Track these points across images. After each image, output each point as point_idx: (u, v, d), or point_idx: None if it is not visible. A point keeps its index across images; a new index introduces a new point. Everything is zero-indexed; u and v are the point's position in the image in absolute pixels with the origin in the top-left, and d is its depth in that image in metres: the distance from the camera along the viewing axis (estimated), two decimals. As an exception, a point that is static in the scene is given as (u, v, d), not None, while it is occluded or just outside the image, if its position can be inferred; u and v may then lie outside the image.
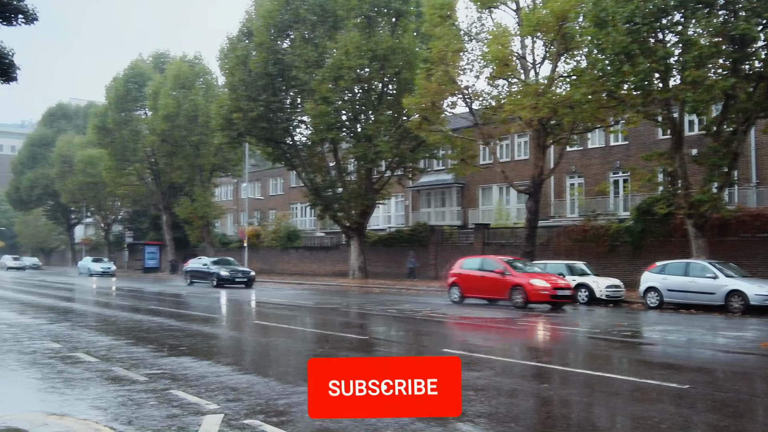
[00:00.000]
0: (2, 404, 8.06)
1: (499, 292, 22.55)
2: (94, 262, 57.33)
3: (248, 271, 37.17)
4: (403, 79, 36.17)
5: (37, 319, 18.03)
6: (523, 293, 21.54)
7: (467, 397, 8.06)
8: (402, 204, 50.65)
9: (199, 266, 38.55)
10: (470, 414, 7.46)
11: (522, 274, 22.31)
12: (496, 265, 23.01)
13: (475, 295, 23.60)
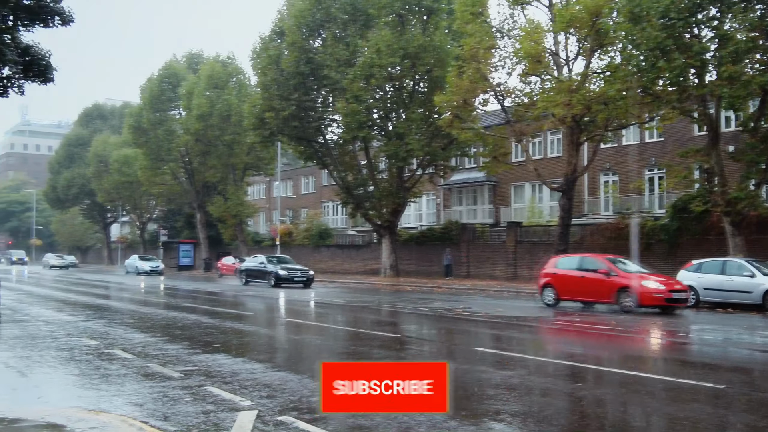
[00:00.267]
0: (41, 400, 8.23)
1: (602, 295, 20.49)
2: (142, 261, 55.65)
3: (307, 270, 35.58)
4: (435, 77, 36.06)
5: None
6: (633, 296, 19.56)
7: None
8: (433, 202, 50.54)
9: (255, 265, 36.77)
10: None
11: (630, 274, 20.37)
12: (598, 264, 21.04)
13: (573, 298, 21.76)
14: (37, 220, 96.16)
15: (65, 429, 6.64)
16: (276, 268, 34.64)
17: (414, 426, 6.92)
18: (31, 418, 7.12)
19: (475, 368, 10.42)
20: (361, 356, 11.57)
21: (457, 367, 10.60)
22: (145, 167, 59.16)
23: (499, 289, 30.28)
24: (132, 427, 6.79)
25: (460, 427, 6.92)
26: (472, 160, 43.98)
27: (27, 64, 19.28)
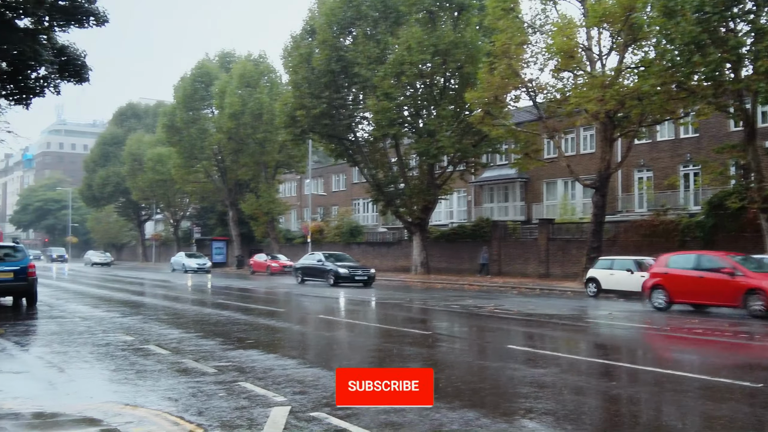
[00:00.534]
0: (78, 395, 8.37)
1: (726, 297, 18.51)
2: (189, 258, 53.81)
3: (368, 269, 33.91)
4: (466, 74, 35.90)
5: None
6: (766, 299, 17.58)
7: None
8: (464, 199, 50.36)
9: (312, 263, 34.85)
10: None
11: (761, 274, 18.38)
12: (721, 263, 18.90)
13: (689, 300, 19.84)
14: (73, 218, 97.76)
15: (102, 423, 6.75)
16: (335, 265, 32.97)
17: (446, 423, 6.91)
18: (68, 412, 7.25)
19: (507, 365, 10.36)
20: (392, 354, 11.58)
21: (488, 365, 10.56)
22: (178, 165, 59.80)
23: (532, 287, 30.09)
24: (167, 422, 6.88)
25: (492, 425, 6.89)
26: (503, 156, 43.74)
27: (63, 64, 19.66)
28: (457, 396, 8.26)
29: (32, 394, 8.36)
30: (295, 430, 6.63)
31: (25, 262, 19.94)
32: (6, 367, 10.32)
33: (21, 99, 20.09)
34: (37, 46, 18.28)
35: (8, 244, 22.80)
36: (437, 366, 10.33)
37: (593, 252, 29.09)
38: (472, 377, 9.57)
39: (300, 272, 35.47)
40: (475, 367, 10.31)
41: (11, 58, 18.40)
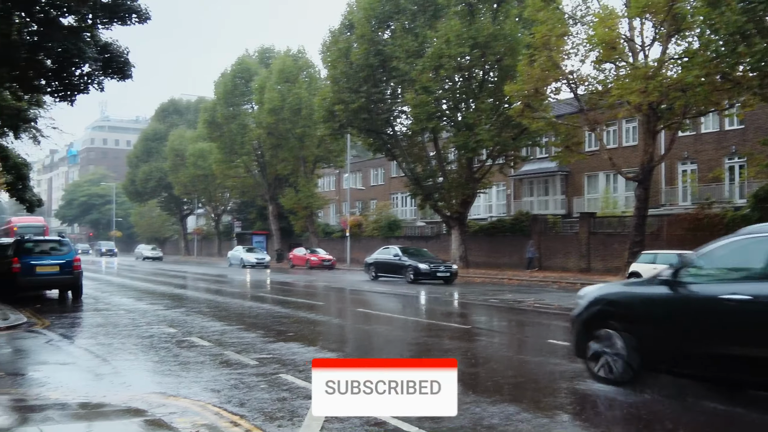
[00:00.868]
0: (123, 385, 8.53)
1: None
2: (248, 252, 52.08)
3: (450, 265, 31.66)
4: (505, 66, 35.58)
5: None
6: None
7: None
8: (503, 193, 50.01)
9: (388, 257, 32.48)
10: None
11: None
12: None
13: None
14: (117, 213, 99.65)
15: (146, 414, 6.87)
16: (414, 261, 30.68)
17: (486, 417, 6.88)
18: (114, 402, 7.40)
19: (548, 360, 10.27)
20: (431, 347, 11.56)
21: (529, 359, 10.48)
22: (219, 161, 60.52)
23: (572, 281, 29.74)
24: (210, 413, 6.98)
25: (533, 419, 6.84)
26: (543, 149, 43.30)
27: (106, 61, 19.96)
28: (497, 390, 8.22)
29: (78, 384, 8.55)
30: (336, 422, 6.66)
31: (71, 256, 20.41)
32: (53, 359, 10.58)
33: (66, 96, 20.47)
34: (80, 43, 18.59)
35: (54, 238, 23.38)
36: (476, 360, 10.29)
37: (636, 246, 28.64)
38: (511, 372, 9.51)
39: (373, 268, 33.01)
40: (514, 361, 10.24)
41: (56, 56, 18.75)
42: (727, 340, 7.06)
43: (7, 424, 6.69)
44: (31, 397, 7.71)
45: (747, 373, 7.06)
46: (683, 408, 7.47)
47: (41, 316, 15.67)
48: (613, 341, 8.08)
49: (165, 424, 6.45)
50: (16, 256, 19.60)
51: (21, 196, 29.32)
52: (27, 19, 19.29)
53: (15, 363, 10.35)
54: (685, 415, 7.21)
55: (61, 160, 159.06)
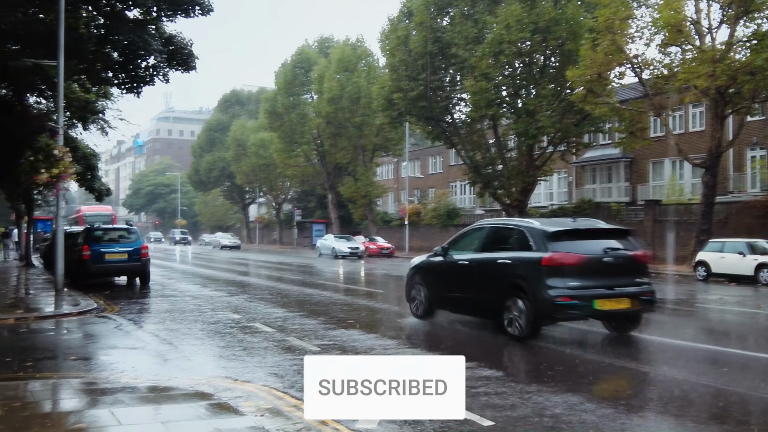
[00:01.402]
0: (190, 370, 8.74)
1: None
2: (339, 240, 47.21)
3: None
4: (567, 51, 34.91)
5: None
6: None
7: None
8: (565, 180, 49.20)
9: None
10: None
11: None
12: None
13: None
14: (182, 201, 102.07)
15: (213, 397, 7.03)
16: None
17: (549, 407, 6.82)
18: (181, 386, 7.59)
19: (611, 350, 10.08)
20: (487, 337, 11.48)
21: (593, 349, 10.30)
22: (279, 150, 61.28)
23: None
24: (274, 397, 7.10)
25: (597, 410, 6.74)
26: (606, 136, 42.34)
27: (171, 54, 20.41)
28: (559, 380, 8.12)
29: (147, 368, 8.80)
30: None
31: (139, 244, 20.99)
32: (122, 343, 10.92)
33: (132, 88, 21.03)
34: (146, 36, 19.03)
35: (122, 226, 24.07)
36: (537, 349, 10.17)
37: (703, 234, 27.85)
38: (573, 361, 9.37)
39: None
40: (577, 351, 10.09)
41: (122, 48, 19.25)
42: (464, 287, 12.13)
43: (80, 406, 6.95)
44: (102, 381, 7.98)
45: (474, 308, 12.30)
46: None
47: (111, 302, 16.18)
48: (419, 291, 13.21)
49: (231, 408, 6.59)
50: (86, 243, 20.27)
51: (90, 186, 30.30)
52: (94, 12, 19.86)
53: (86, 347, 10.73)
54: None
55: (128, 151, 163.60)
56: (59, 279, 14.73)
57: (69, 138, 24.79)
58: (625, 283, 10.56)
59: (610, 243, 10.86)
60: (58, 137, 14.92)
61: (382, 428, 6.08)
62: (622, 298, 10.46)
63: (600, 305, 10.24)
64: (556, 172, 46.27)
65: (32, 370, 8.62)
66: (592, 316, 10.85)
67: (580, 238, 10.88)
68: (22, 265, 31.32)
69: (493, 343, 10.97)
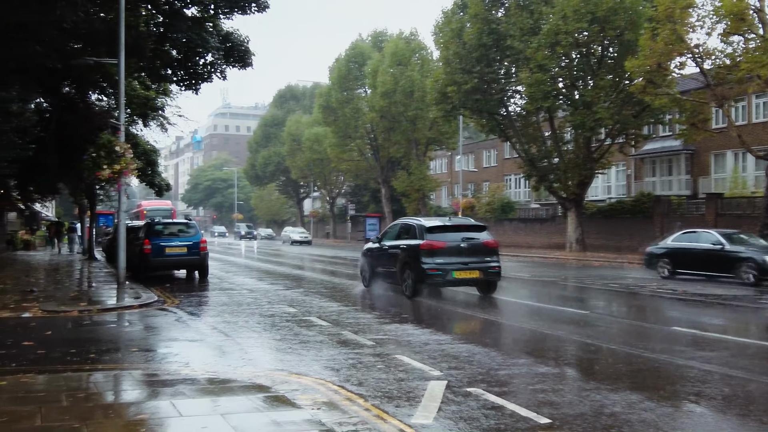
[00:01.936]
0: (248, 362, 8.88)
1: None
2: None
3: None
4: (626, 41, 34.17)
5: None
6: None
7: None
8: (623, 173, 48.22)
9: (694, 245, 21.79)
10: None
11: None
12: None
13: None
14: (238, 196, 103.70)
15: (270, 390, 7.12)
16: (753, 252, 20.07)
17: (608, 405, 6.71)
18: (239, 378, 7.72)
19: (672, 348, 9.85)
20: (544, 333, 11.35)
21: (651, 347, 10.08)
22: (333, 145, 61.68)
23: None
24: (330, 391, 7.16)
25: (657, 408, 6.60)
26: (667, 127, 41.32)
27: (228, 51, 20.73)
28: (618, 378, 7.99)
29: (206, 360, 8.97)
30: (452, 405, 6.66)
31: (197, 238, 21.41)
32: (182, 335, 11.15)
33: (190, 84, 21.42)
34: (204, 33, 19.36)
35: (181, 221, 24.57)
36: (594, 346, 10.01)
37: (766, 228, 26.93)
38: (633, 359, 9.18)
39: (666, 261, 22.60)
40: (636, 348, 9.88)
41: (181, 46, 19.63)
42: (385, 264, 17.04)
43: (141, 397, 7.13)
44: (163, 372, 8.16)
45: (391, 278, 16.87)
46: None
47: (171, 295, 16.55)
48: (365, 268, 18.35)
49: (288, 401, 6.67)
50: (147, 237, 20.77)
51: (150, 181, 31.03)
52: (153, 11, 20.28)
53: (147, 339, 10.98)
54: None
55: (187, 147, 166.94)
56: (121, 272, 15.11)
57: (130, 134, 25.42)
58: (476, 261, 15.71)
59: (468, 234, 16.10)
60: (120, 134, 15.27)
61: (438, 423, 6.07)
62: (473, 271, 15.60)
63: (457, 275, 15.47)
64: (614, 165, 45.41)
65: (95, 361, 8.88)
66: (453, 283, 15.98)
67: (447, 231, 16.03)
68: (85, 258, 32.28)
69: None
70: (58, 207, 66.76)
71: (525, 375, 8.08)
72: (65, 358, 9.02)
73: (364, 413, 6.33)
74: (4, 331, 11.11)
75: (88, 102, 25.03)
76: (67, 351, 9.47)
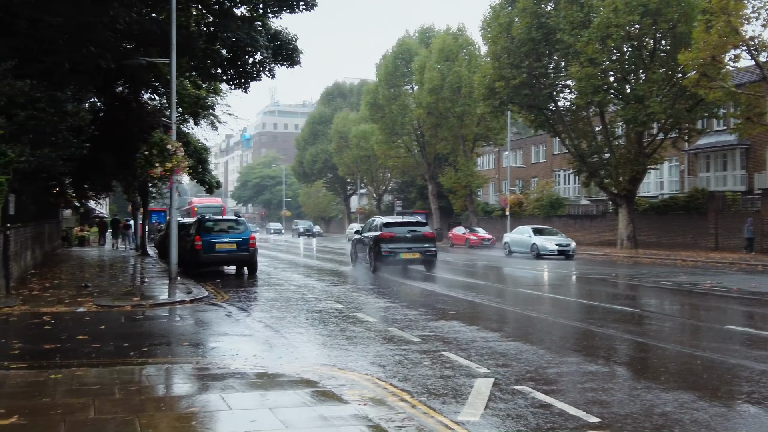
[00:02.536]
0: (296, 357, 8.97)
1: None
2: (542, 237, 34.77)
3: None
4: (679, 34, 33.43)
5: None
6: None
7: None
8: (676, 168, 47.17)
9: None
10: (763, 397, 6.77)
11: None
12: None
13: None
14: (286, 193, 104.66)
15: (318, 385, 7.18)
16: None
17: (659, 404, 6.58)
18: (287, 373, 7.80)
19: (726, 347, 9.62)
20: (593, 331, 11.18)
21: (704, 346, 9.85)
22: (380, 141, 61.78)
23: (753, 263, 27.58)
24: (377, 387, 7.18)
25: (710, 408, 6.45)
26: (721, 121, 40.29)
27: (276, 49, 20.93)
28: (670, 377, 7.84)
29: (255, 355, 9.09)
30: (500, 402, 6.62)
31: (247, 234, 21.69)
32: (232, 330, 11.32)
33: (240, 83, 21.70)
34: (253, 32, 19.57)
35: (231, 218, 24.93)
36: (646, 345, 9.84)
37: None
38: (685, 358, 8.99)
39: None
40: (689, 347, 9.67)
41: (230, 45, 19.89)
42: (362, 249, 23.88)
43: (192, 391, 7.26)
44: (213, 366, 8.30)
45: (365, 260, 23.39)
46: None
47: (220, 291, 16.81)
48: (353, 253, 25.19)
49: (335, 396, 6.72)
50: (198, 234, 21.12)
51: (201, 179, 31.54)
52: (203, 11, 20.60)
53: (198, 334, 11.18)
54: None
55: (236, 144, 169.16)
56: (173, 268, 15.40)
57: (181, 133, 25.88)
58: (418, 246, 22.22)
59: (412, 227, 22.90)
60: (172, 132, 15.56)
61: (485, 421, 6.04)
62: (415, 252, 22.13)
63: (404, 255, 21.86)
64: (667, 160, 44.46)
65: (147, 355, 9.07)
66: (400, 262, 22.07)
67: (398, 226, 22.87)
68: (138, 254, 33.00)
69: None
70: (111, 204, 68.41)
71: (574, 373, 7.98)
72: (118, 351, 9.24)
73: (410, 409, 6.34)
74: (60, 325, 11.43)
75: (141, 101, 25.58)
76: (120, 345, 9.70)
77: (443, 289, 17.35)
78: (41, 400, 6.46)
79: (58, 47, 16.79)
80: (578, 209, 51.08)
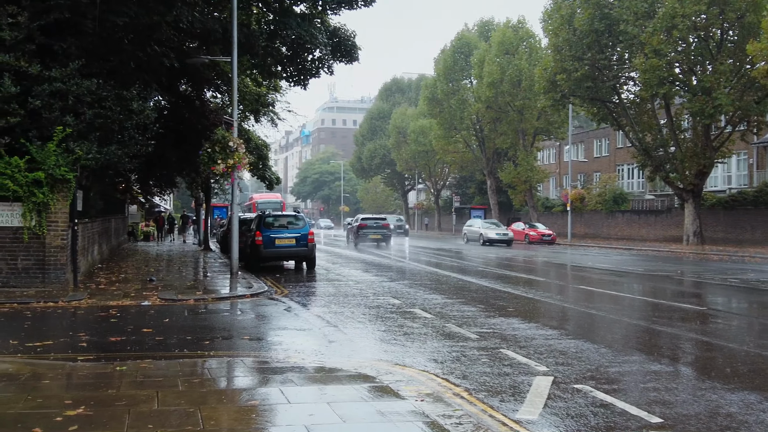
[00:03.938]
0: (353, 352, 9.02)
1: None
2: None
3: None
4: (747, 24, 32.33)
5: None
6: None
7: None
8: (745, 162, 45.66)
9: None
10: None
11: None
12: None
13: None
14: (345, 188, 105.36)
15: (375, 380, 7.21)
16: None
17: (724, 405, 6.40)
18: (345, 368, 7.85)
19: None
20: (657, 330, 10.91)
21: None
22: (439, 137, 61.61)
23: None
24: (434, 383, 7.17)
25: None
26: (793, 113, 38.83)
27: (335, 46, 21.05)
28: (736, 377, 7.60)
29: (313, 349, 9.18)
30: (559, 401, 6.54)
31: (306, 230, 21.92)
32: (291, 325, 11.46)
33: (299, 80, 21.91)
34: (312, 29, 19.72)
35: (291, 213, 25.22)
36: (711, 344, 9.56)
37: None
38: (753, 358, 8.70)
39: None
40: (756, 347, 9.36)
41: (290, 43, 20.09)
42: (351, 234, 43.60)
43: (252, 384, 7.38)
44: (273, 360, 8.42)
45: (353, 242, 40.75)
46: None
47: (280, 285, 17.03)
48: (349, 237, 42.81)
49: (392, 391, 6.73)
50: (258, 229, 21.45)
51: (262, 175, 32.02)
52: (264, 9, 20.87)
53: (258, 328, 11.35)
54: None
55: (296, 141, 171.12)
56: (234, 263, 15.66)
57: (242, 130, 26.30)
58: (380, 230, 38.39)
59: (377, 221, 39.68)
60: (233, 129, 15.81)
61: (544, 419, 5.97)
62: (378, 235, 38.07)
63: (371, 236, 37.96)
64: (735, 154, 43.12)
65: (209, 348, 9.26)
66: (369, 240, 37.79)
67: (369, 220, 39.78)
68: (201, 249, 33.71)
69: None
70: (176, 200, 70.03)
71: (636, 373, 7.82)
72: (181, 344, 9.46)
73: (468, 406, 6.30)
74: (125, 318, 11.76)
75: (204, 99, 26.09)
76: (183, 338, 9.93)
77: (501, 286, 17.21)
78: (107, 392, 6.66)
79: (123, 47, 17.25)
80: (642, 204, 50.00)
